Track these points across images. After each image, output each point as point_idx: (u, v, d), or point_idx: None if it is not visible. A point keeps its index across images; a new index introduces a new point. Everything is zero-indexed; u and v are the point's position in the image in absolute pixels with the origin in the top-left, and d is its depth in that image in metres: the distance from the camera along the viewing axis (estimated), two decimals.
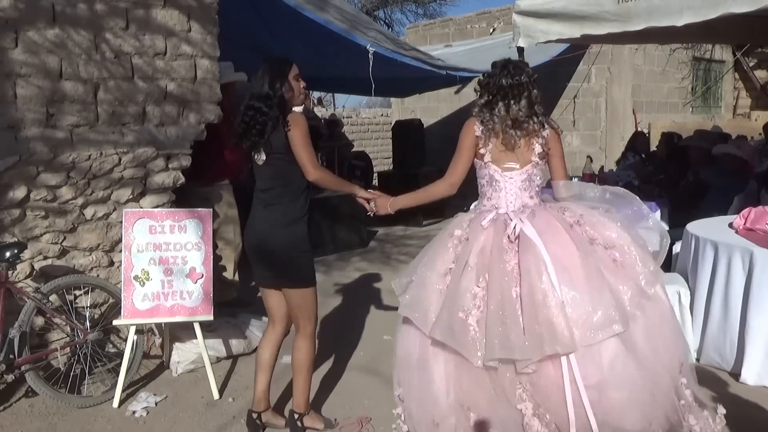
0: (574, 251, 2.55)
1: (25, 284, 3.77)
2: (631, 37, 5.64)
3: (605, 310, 2.43)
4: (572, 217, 2.69)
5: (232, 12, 4.90)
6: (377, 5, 20.68)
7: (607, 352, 2.43)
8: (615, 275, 2.54)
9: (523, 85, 2.72)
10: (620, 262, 2.57)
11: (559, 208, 2.77)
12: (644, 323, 2.52)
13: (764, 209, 4.21)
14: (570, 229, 2.63)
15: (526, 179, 2.78)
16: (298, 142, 3.04)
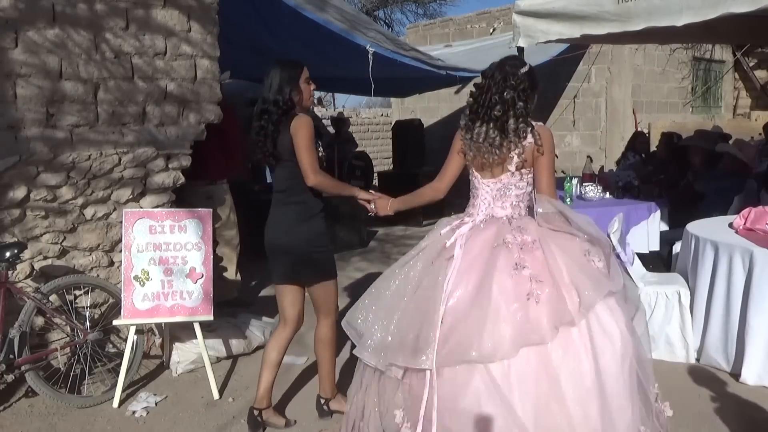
0: (479, 274, 2.51)
1: (25, 284, 3.77)
2: (631, 37, 5.64)
3: (468, 336, 2.38)
4: (522, 239, 2.58)
5: (232, 12, 4.90)
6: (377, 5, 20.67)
7: (465, 378, 2.38)
8: (518, 306, 2.41)
9: (507, 102, 2.66)
10: (536, 296, 2.42)
11: (518, 227, 2.64)
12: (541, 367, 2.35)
13: (764, 209, 4.21)
14: (495, 251, 2.55)
15: (501, 189, 2.73)
16: (300, 146, 3.09)
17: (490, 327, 2.37)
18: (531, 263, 2.49)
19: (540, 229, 2.63)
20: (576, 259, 2.51)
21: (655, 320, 4.19)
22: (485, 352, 2.34)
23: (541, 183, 2.71)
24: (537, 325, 2.36)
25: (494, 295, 2.43)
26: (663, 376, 3.92)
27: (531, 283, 2.44)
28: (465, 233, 2.68)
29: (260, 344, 4.42)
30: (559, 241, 2.57)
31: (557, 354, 2.35)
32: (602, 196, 5.92)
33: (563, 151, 10.36)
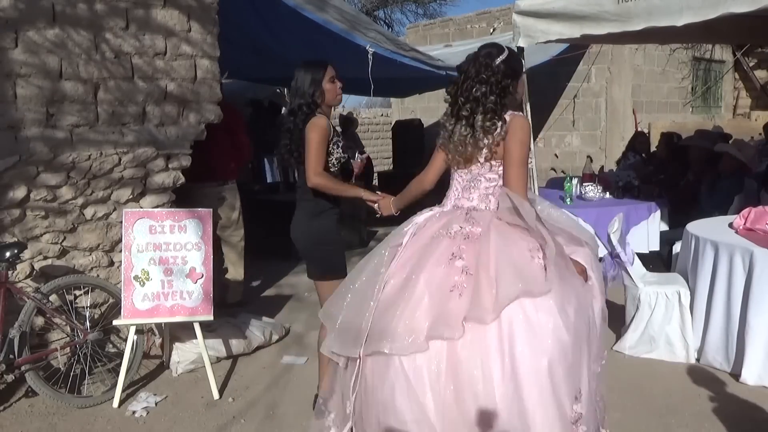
0: (414, 263, 2.46)
1: (25, 284, 3.77)
2: (631, 37, 5.64)
3: (386, 327, 2.33)
4: (470, 230, 2.49)
5: (232, 12, 4.90)
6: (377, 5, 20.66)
7: (383, 369, 2.33)
8: (440, 298, 2.33)
9: (477, 99, 2.57)
10: (461, 289, 2.33)
11: (472, 218, 2.55)
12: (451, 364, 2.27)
13: (764, 209, 4.21)
14: (437, 240, 2.49)
15: (470, 179, 2.65)
16: (308, 146, 3.19)
17: (408, 319, 2.32)
18: (468, 255, 2.40)
19: (495, 222, 2.50)
20: (514, 255, 2.38)
21: (655, 320, 4.19)
22: (399, 345, 2.29)
23: (507, 175, 2.56)
24: (451, 319, 2.28)
25: (420, 286, 2.37)
26: (663, 376, 3.94)
27: (461, 275, 2.36)
28: (420, 222, 2.64)
29: (260, 344, 4.42)
30: (507, 235, 2.45)
31: (467, 351, 2.25)
32: (602, 196, 5.92)
33: (563, 151, 10.37)
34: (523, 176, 2.57)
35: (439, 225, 2.57)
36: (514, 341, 2.24)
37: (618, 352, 4.32)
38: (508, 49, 2.68)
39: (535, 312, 2.28)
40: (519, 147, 2.55)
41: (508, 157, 2.55)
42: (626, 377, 3.94)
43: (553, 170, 10.23)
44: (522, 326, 2.26)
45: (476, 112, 2.58)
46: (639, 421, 3.41)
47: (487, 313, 2.25)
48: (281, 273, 6.37)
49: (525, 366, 2.22)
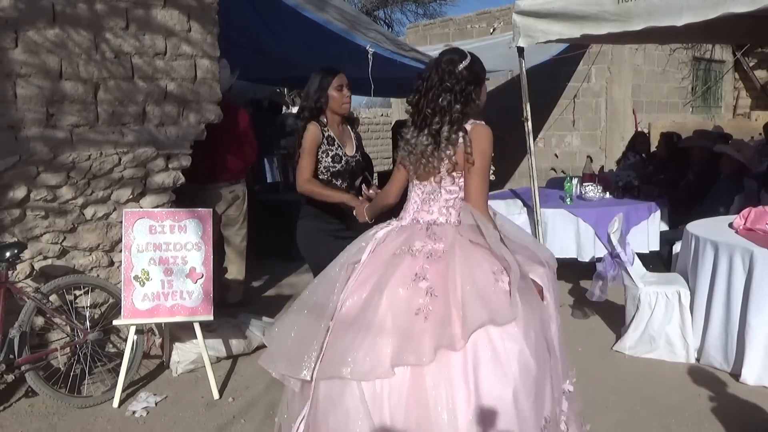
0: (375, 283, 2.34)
1: (25, 284, 3.77)
2: (631, 37, 5.64)
3: (345, 350, 2.21)
4: (432, 247, 2.38)
5: (232, 12, 4.90)
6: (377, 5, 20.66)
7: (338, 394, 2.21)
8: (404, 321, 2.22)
9: (443, 109, 2.47)
10: (427, 311, 2.22)
11: (433, 233, 2.44)
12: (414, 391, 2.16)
13: (764, 209, 4.21)
14: (398, 258, 2.37)
15: (430, 192, 2.53)
16: (300, 152, 3.32)
17: (370, 343, 2.18)
18: (432, 275, 2.29)
19: (457, 239, 2.40)
20: (479, 278, 2.28)
21: (655, 320, 4.19)
22: (361, 370, 2.16)
23: (468, 187, 2.47)
24: (418, 344, 2.16)
25: (382, 308, 2.24)
26: (663, 376, 3.94)
27: (425, 296, 2.24)
28: (379, 238, 2.52)
29: (260, 344, 4.42)
30: (471, 254, 2.35)
31: (431, 378, 2.14)
32: (602, 196, 5.92)
33: (563, 151, 10.37)
34: (485, 188, 2.49)
35: (399, 241, 2.45)
36: (479, 369, 2.15)
37: (618, 352, 4.32)
38: (471, 54, 2.57)
39: (501, 338, 2.20)
40: (481, 158, 2.46)
41: (470, 168, 2.45)
42: (626, 377, 3.94)
43: (553, 170, 10.23)
44: (487, 353, 2.17)
45: (443, 122, 2.47)
46: (639, 421, 3.41)
47: (457, 340, 2.15)
48: (281, 273, 6.37)
49: (490, 394, 2.13)
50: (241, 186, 5.15)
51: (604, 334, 4.70)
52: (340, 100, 3.36)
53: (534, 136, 5.69)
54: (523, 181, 8.92)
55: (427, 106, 2.50)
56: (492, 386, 2.14)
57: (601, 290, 4.37)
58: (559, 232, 5.52)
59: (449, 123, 2.46)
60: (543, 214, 5.42)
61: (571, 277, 5.91)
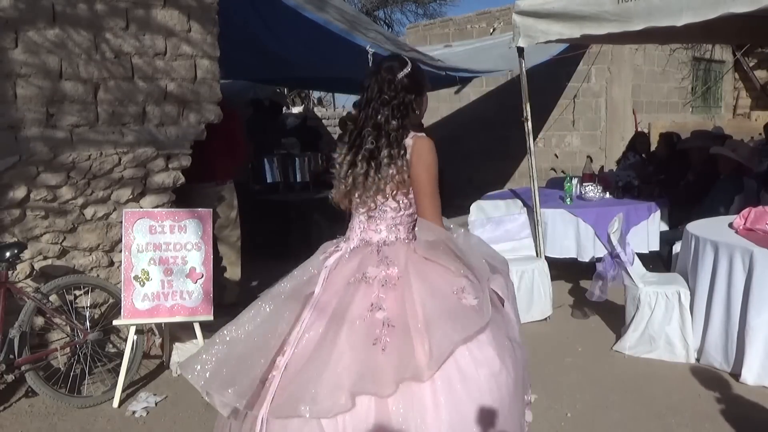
0: (330, 315, 2.22)
1: (25, 284, 3.77)
2: (631, 37, 5.64)
3: (304, 387, 2.07)
4: (386, 273, 2.27)
5: (232, 12, 4.90)
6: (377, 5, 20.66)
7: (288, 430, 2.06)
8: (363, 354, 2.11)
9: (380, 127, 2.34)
10: (384, 343, 2.11)
11: (385, 257, 2.32)
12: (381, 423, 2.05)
13: (764, 209, 4.21)
14: (353, 287, 2.26)
15: (375, 210, 2.39)
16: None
17: (328, 378, 2.06)
18: (388, 304, 2.19)
19: (410, 260, 2.29)
20: (440, 300, 2.19)
21: (655, 320, 4.19)
22: (320, 408, 2.02)
23: (420, 206, 2.35)
24: (378, 376, 2.05)
25: (340, 341, 2.13)
26: (663, 376, 3.94)
27: (382, 327, 2.13)
28: (330, 265, 2.38)
29: None
30: (427, 276, 2.25)
31: (398, 407, 2.04)
32: (602, 196, 5.92)
33: (563, 151, 10.37)
34: (437, 203, 2.35)
35: (351, 267, 2.32)
36: (449, 393, 2.07)
37: (618, 352, 4.32)
38: (412, 62, 2.44)
39: (471, 361, 2.12)
40: (426, 172, 2.32)
41: (417, 185, 2.32)
42: (626, 377, 3.94)
43: (553, 170, 10.23)
44: (456, 376, 2.09)
45: (380, 143, 2.32)
46: (639, 421, 3.41)
47: (423, 371, 2.06)
48: (280, 273, 6.33)
49: (465, 422, 2.06)
50: (228, 187, 5.11)
51: (604, 334, 4.70)
52: None
53: (534, 136, 5.69)
54: (523, 181, 8.92)
55: (366, 124, 2.36)
56: (463, 409, 2.07)
57: (601, 290, 4.37)
58: (559, 232, 5.52)
59: (387, 145, 2.32)
60: (543, 214, 5.42)
61: (571, 277, 5.91)
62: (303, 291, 2.34)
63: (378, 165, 2.33)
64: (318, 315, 2.26)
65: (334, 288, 2.31)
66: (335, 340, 2.14)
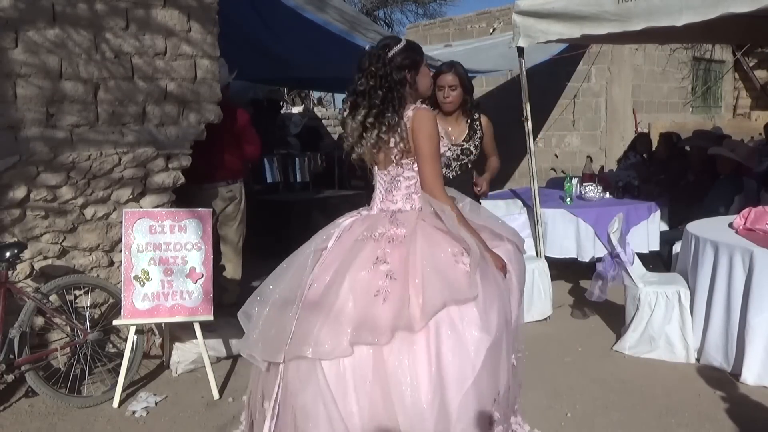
0: (337, 267, 2.43)
1: (25, 284, 3.77)
2: (631, 37, 5.64)
3: (308, 331, 2.30)
4: (394, 232, 2.46)
5: (232, 12, 4.90)
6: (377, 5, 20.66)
7: (306, 374, 2.29)
8: (364, 303, 2.30)
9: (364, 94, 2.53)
10: (386, 294, 2.30)
11: (396, 219, 2.51)
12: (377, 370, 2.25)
13: (764, 209, 4.21)
14: (361, 243, 2.45)
15: (390, 180, 2.59)
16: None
17: (330, 324, 2.27)
18: (393, 259, 2.37)
19: (419, 224, 2.47)
20: (438, 259, 2.36)
21: (655, 320, 4.19)
22: (321, 350, 2.25)
23: (421, 176, 2.53)
24: (375, 324, 2.25)
25: (343, 290, 2.33)
26: (663, 376, 3.94)
27: (385, 279, 2.32)
28: (345, 225, 2.60)
29: None
30: (432, 238, 2.43)
31: (394, 358, 2.23)
32: (602, 196, 5.92)
33: (563, 151, 10.36)
34: (437, 171, 2.51)
35: (362, 228, 2.53)
36: (441, 349, 2.24)
37: (618, 352, 4.32)
38: (407, 41, 2.62)
39: (461, 320, 2.28)
40: (427, 141, 2.49)
41: (418, 153, 2.49)
42: (626, 377, 3.94)
43: (553, 170, 10.23)
44: (448, 334, 2.26)
45: (369, 109, 2.52)
46: (639, 421, 3.42)
47: (416, 322, 2.24)
48: None
49: (452, 374, 2.23)
50: (238, 186, 5.14)
51: (604, 334, 4.70)
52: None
53: (534, 136, 5.70)
54: (523, 181, 8.92)
55: (358, 94, 2.55)
56: (453, 367, 2.24)
57: (601, 290, 4.37)
58: (559, 232, 5.52)
59: (367, 107, 2.51)
60: (543, 214, 5.42)
61: (571, 277, 5.91)
62: (318, 247, 2.56)
63: (380, 130, 2.50)
64: (325, 268, 2.46)
65: (344, 245, 2.50)
66: (339, 291, 2.33)
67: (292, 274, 2.53)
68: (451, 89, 3.67)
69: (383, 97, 2.50)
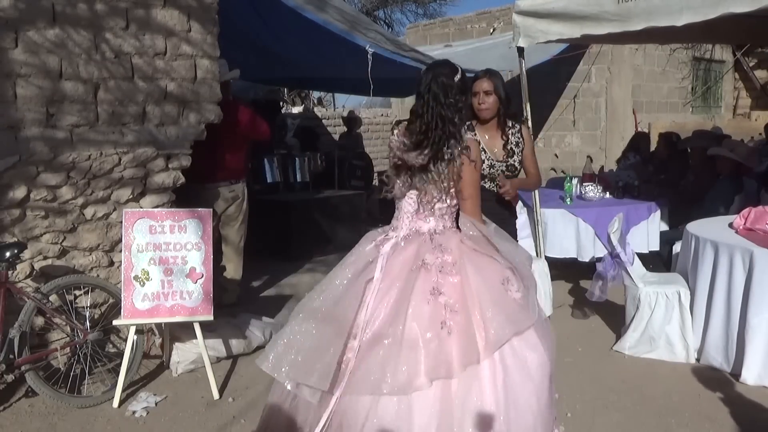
0: (396, 298, 2.39)
1: (25, 284, 3.77)
2: (631, 37, 5.64)
3: (381, 366, 2.25)
4: (442, 259, 2.45)
5: (232, 12, 4.90)
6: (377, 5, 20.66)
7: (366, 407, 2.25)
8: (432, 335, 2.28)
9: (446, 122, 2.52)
10: (450, 327, 2.30)
11: (439, 244, 2.50)
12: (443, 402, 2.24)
13: (764, 209, 4.21)
14: (414, 273, 2.42)
15: (423, 202, 2.59)
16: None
17: (405, 357, 2.24)
18: (448, 289, 2.37)
19: (462, 248, 2.48)
20: (492, 289, 2.39)
21: (655, 320, 4.19)
22: (398, 385, 2.21)
23: (464, 202, 2.55)
24: (448, 358, 2.25)
25: (409, 323, 2.30)
26: (663, 376, 3.94)
27: (446, 311, 2.33)
28: (386, 252, 2.53)
29: (260, 344, 4.42)
30: (479, 265, 2.44)
31: (460, 389, 2.23)
32: (602, 196, 5.92)
33: (563, 151, 10.36)
34: (478, 201, 2.57)
35: (409, 254, 2.49)
36: (507, 377, 2.27)
37: (618, 352, 4.32)
38: (459, 66, 2.67)
39: (523, 347, 2.33)
40: (474, 172, 2.55)
41: (464, 182, 2.53)
42: (626, 377, 3.94)
43: (553, 170, 10.23)
44: (512, 361, 2.30)
45: (447, 137, 2.52)
46: (639, 421, 3.42)
47: (483, 355, 2.27)
48: (281, 273, 6.37)
49: (517, 399, 2.26)
50: (241, 186, 5.15)
51: (604, 334, 4.70)
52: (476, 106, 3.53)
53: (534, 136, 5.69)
54: None
55: (431, 121, 2.52)
56: (519, 393, 2.27)
57: (601, 290, 4.37)
58: (559, 232, 5.52)
59: (452, 137, 2.52)
60: (543, 214, 5.42)
61: (571, 277, 5.91)
62: (363, 278, 2.48)
63: (440, 158, 2.51)
64: (381, 299, 2.41)
65: (394, 273, 2.45)
66: (404, 324, 2.30)
67: (338, 301, 2.47)
68: (486, 95, 3.54)
69: (458, 124, 2.54)
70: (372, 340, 2.34)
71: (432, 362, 2.24)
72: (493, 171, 3.55)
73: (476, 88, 3.52)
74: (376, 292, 2.42)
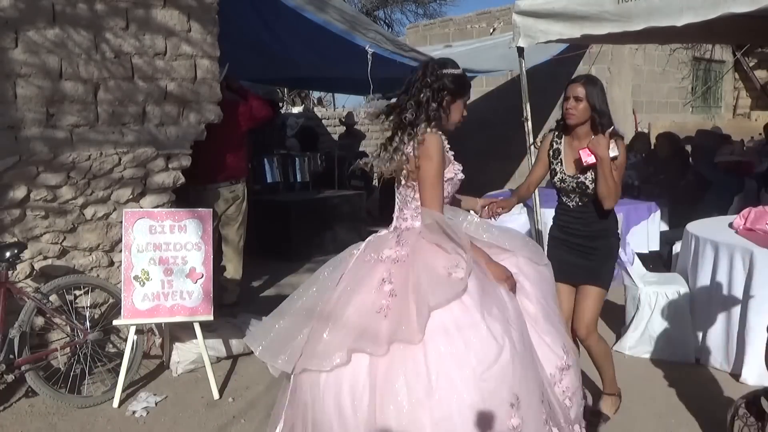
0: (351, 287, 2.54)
1: (25, 284, 3.77)
2: (631, 37, 5.64)
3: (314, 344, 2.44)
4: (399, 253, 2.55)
5: (232, 12, 4.90)
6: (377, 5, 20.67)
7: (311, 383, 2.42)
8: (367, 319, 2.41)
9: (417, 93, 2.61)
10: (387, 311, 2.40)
11: (401, 240, 2.61)
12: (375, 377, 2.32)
13: (764, 209, 4.21)
14: (373, 265, 2.56)
15: (402, 199, 2.70)
16: None
17: (335, 337, 2.40)
18: (396, 278, 2.47)
19: (417, 243, 2.56)
20: (431, 274, 2.44)
21: (655, 320, 4.19)
22: (321, 362, 2.37)
23: (422, 196, 2.59)
24: (374, 336, 2.34)
25: (350, 308, 2.45)
26: (663, 376, 3.94)
27: (389, 297, 2.43)
28: (362, 247, 2.70)
29: None
30: (428, 255, 2.51)
31: (392, 367, 2.30)
32: None
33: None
34: (437, 194, 2.57)
35: (372, 249, 2.64)
36: (438, 356, 2.28)
37: (618, 352, 4.31)
38: (464, 71, 2.72)
39: (456, 327, 2.33)
40: (429, 164, 2.55)
41: (420, 175, 2.57)
42: (626, 377, 3.94)
43: None
44: (444, 341, 2.31)
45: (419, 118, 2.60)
46: (639, 421, 3.42)
47: (415, 334, 2.30)
48: (281, 273, 6.37)
49: (450, 380, 2.26)
50: (241, 186, 5.15)
51: (604, 334, 4.68)
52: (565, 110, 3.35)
53: (534, 136, 5.69)
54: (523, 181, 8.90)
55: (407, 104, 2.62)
56: (452, 372, 2.27)
57: None
58: None
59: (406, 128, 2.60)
60: (543, 214, 5.42)
61: None
62: (340, 269, 2.67)
63: (390, 146, 2.63)
64: (342, 289, 2.57)
65: (357, 266, 2.62)
66: (345, 309, 2.46)
67: (314, 289, 2.67)
68: (576, 100, 3.27)
69: (420, 104, 2.59)
70: (318, 322, 2.50)
71: (356, 338, 2.35)
72: (565, 186, 3.30)
73: (568, 92, 3.32)
74: (341, 281, 2.60)
